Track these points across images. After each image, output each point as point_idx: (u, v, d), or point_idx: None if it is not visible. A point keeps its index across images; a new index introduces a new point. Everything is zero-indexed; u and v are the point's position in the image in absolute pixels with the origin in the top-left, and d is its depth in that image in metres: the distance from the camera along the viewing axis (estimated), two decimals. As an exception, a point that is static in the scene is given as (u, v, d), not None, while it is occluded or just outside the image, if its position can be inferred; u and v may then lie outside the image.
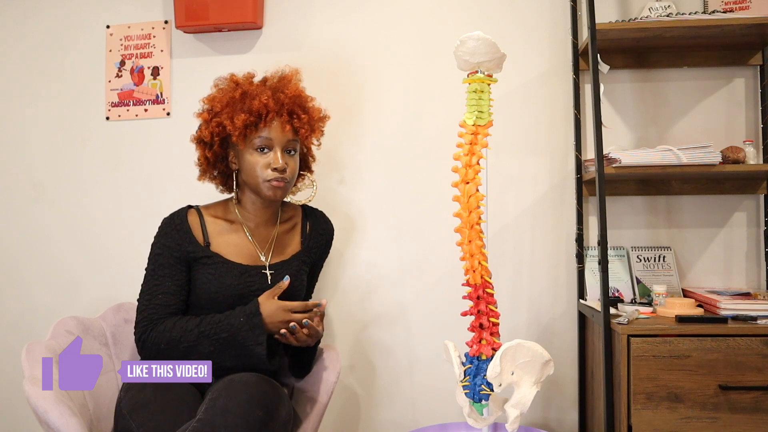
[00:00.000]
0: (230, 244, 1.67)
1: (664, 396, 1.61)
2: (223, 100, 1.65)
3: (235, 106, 1.63)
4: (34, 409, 1.39)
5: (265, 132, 1.62)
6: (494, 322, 1.49)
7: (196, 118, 1.72)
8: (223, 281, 1.60)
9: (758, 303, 1.72)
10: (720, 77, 2.04)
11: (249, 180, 1.65)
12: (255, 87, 1.67)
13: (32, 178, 2.28)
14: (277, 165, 1.61)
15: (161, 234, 1.66)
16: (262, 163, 1.62)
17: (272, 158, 1.62)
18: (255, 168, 1.62)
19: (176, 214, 1.68)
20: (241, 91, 1.64)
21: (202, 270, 1.62)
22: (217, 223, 1.69)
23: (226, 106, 1.64)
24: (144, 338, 1.56)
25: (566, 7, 2.06)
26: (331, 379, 1.69)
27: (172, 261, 1.62)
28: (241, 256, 1.66)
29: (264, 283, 1.64)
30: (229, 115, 1.62)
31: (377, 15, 2.16)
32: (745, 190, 2.01)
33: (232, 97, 1.64)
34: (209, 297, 1.60)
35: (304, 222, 1.79)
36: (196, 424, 1.32)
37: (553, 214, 2.08)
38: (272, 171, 1.61)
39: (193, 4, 2.09)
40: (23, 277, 2.27)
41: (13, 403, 2.22)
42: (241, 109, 1.61)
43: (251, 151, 1.63)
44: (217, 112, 1.65)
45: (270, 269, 1.66)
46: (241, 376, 1.44)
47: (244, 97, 1.63)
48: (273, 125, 1.62)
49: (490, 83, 1.51)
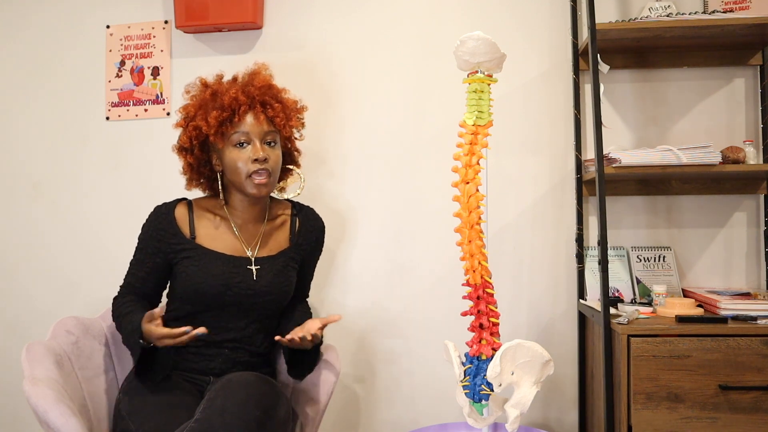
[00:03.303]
0: (216, 238, 1.67)
1: (664, 396, 1.61)
2: (196, 104, 1.67)
3: (207, 106, 1.64)
4: (34, 409, 1.39)
5: (240, 126, 1.62)
6: (494, 322, 1.49)
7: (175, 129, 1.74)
8: (207, 271, 1.60)
9: (758, 303, 1.72)
10: (720, 77, 2.04)
11: (233, 178, 1.65)
12: (224, 85, 1.69)
13: (32, 178, 2.28)
14: (258, 155, 1.61)
15: (149, 221, 1.69)
16: (243, 158, 1.62)
17: (251, 151, 1.63)
18: (236, 163, 1.62)
19: (166, 205, 1.70)
20: (211, 90, 1.66)
21: (186, 262, 1.62)
22: (206, 216, 1.69)
23: (198, 109, 1.66)
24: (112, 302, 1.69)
25: (566, 7, 2.06)
26: (331, 379, 1.69)
27: (151, 250, 1.65)
28: (226, 249, 1.67)
29: (248, 277, 1.63)
30: (202, 116, 1.64)
31: (377, 15, 2.16)
32: (745, 190, 2.01)
33: (203, 99, 1.66)
34: (194, 288, 1.60)
35: (293, 219, 1.78)
36: (194, 424, 1.32)
37: (553, 214, 2.08)
38: (254, 163, 1.61)
39: (193, 4, 2.09)
40: (23, 277, 2.27)
41: (13, 403, 2.22)
42: (213, 107, 1.63)
43: (230, 148, 1.63)
44: (192, 116, 1.66)
45: (256, 264, 1.66)
46: (240, 376, 1.44)
47: (214, 96, 1.65)
48: (247, 118, 1.63)
49: (490, 83, 1.51)
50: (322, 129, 2.14)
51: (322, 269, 2.11)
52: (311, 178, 2.13)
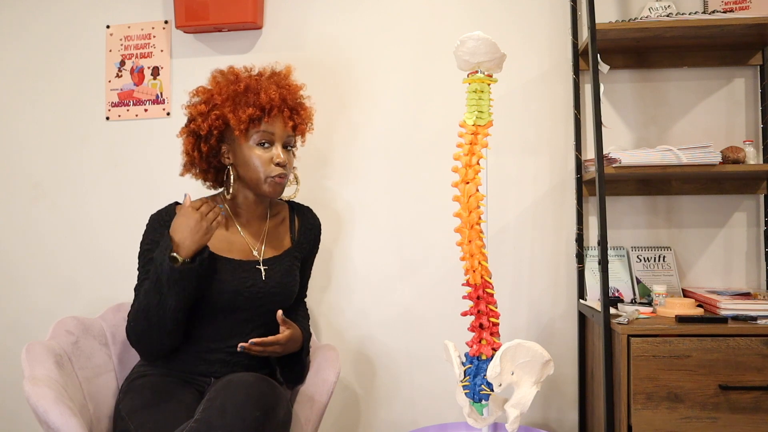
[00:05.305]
0: (222, 240, 1.64)
1: (664, 396, 1.61)
2: (224, 93, 1.61)
3: (239, 100, 1.60)
4: (34, 409, 1.39)
5: (267, 126, 1.60)
6: (494, 322, 1.49)
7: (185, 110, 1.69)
8: (216, 278, 1.58)
9: (758, 303, 1.72)
10: (720, 77, 2.04)
11: (249, 175, 1.63)
12: (256, 81, 1.64)
13: (32, 178, 2.28)
14: (280, 160, 1.60)
15: (150, 230, 1.63)
16: (265, 158, 1.60)
17: (274, 153, 1.61)
18: (256, 163, 1.60)
19: (164, 211, 1.66)
20: (245, 84, 1.62)
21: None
22: None
23: (227, 99, 1.60)
24: (127, 327, 1.56)
25: (566, 7, 2.06)
26: (331, 379, 1.69)
27: None
28: (233, 252, 1.64)
29: (258, 278, 1.62)
30: (231, 108, 1.59)
31: (377, 15, 2.16)
32: (745, 190, 2.01)
33: (234, 90, 1.61)
34: (203, 295, 1.57)
35: (292, 217, 1.78)
36: (194, 425, 1.31)
37: (553, 214, 2.08)
38: (276, 166, 1.61)
39: (193, 4, 2.09)
40: (23, 277, 2.27)
41: (13, 403, 2.22)
42: (246, 103, 1.59)
43: (251, 146, 1.61)
44: (217, 104, 1.61)
45: (263, 264, 1.65)
46: (240, 376, 1.43)
47: (247, 91, 1.61)
48: (275, 120, 1.61)
49: (490, 83, 1.51)
50: (321, 129, 2.13)
51: (322, 269, 2.11)
52: (311, 178, 2.13)
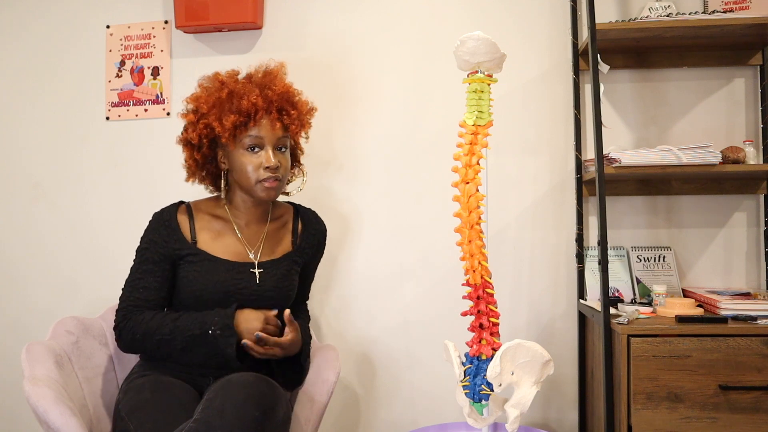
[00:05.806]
0: (218, 242, 1.65)
1: (664, 396, 1.61)
2: (209, 101, 1.62)
3: (223, 107, 1.60)
4: (34, 409, 1.39)
5: (254, 131, 1.60)
6: (494, 322, 1.49)
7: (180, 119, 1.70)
8: (209, 278, 1.59)
9: (758, 303, 1.72)
10: (720, 77, 2.04)
11: (241, 181, 1.63)
12: (241, 85, 1.64)
13: (32, 178, 2.28)
14: (270, 164, 1.60)
15: (150, 229, 1.65)
16: (255, 163, 1.60)
17: (264, 157, 1.60)
18: (247, 168, 1.60)
19: (166, 210, 1.67)
20: (228, 90, 1.61)
21: (188, 267, 1.61)
22: (206, 219, 1.67)
23: (212, 107, 1.61)
24: (121, 327, 1.58)
25: (566, 7, 2.06)
26: (331, 379, 1.69)
27: (157, 257, 1.61)
28: (228, 254, 1.64)
29: (252, 281, 1.62)
30: (216, 116, 1.59)
31: (377, 15, 2.16)
32: (745, 190, 2.01)
33: (218, 98, 1.61)
34: (195, 294, 1.59)
35: (296, 221, 1.78)
36: (193, 425, 1.31)
37: (553, 214, 2.08)
38: (265, 170, 1.60)
39: (193, 4, 2.09)
40: (23, 277, 2.27)
41: (13, 403, 2.22)
42: (230, 110, 1.59)
43: (242, 151, 1.61)
44: (204, 113, 1.62)
45: (259, 267, 1.65)
46: (239, 376, 1.43)
47: (231, 97, 1.60)
48: (263, 123, 1.60)
49: (490, 83, 1.51)
50: (320, 129, 2.13)
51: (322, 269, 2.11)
52: (310, 178, 2.13)
